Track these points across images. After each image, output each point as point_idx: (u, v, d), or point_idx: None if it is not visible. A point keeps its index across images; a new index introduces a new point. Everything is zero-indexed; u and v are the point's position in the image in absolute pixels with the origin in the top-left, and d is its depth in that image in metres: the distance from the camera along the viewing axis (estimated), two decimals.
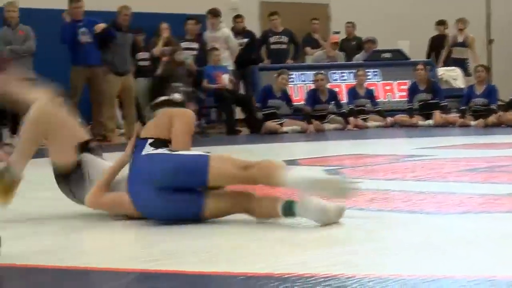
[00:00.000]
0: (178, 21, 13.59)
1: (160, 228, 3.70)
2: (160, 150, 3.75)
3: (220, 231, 3.61)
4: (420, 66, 12.94)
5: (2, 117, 11.82)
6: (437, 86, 13.16)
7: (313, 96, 12.72)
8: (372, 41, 14.97)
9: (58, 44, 11.82)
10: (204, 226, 3.72)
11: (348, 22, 15.42)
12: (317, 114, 12.57)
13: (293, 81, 13.64)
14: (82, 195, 3.95)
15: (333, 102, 12.85)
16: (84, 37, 11.36)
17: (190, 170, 3.62)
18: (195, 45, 13.13)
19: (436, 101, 12.77)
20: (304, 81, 13.69)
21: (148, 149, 3.77)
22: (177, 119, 3.89)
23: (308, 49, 14.91)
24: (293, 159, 7.07)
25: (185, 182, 3.62)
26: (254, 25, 15.36)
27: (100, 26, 11.29)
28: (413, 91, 13.03)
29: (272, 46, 14.20)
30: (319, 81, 12.76)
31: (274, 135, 11.79)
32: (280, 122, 12.40)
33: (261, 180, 3.62)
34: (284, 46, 14.25)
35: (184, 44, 13.02)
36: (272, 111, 12.42)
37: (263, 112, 12.43)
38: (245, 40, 14.03)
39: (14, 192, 3.87)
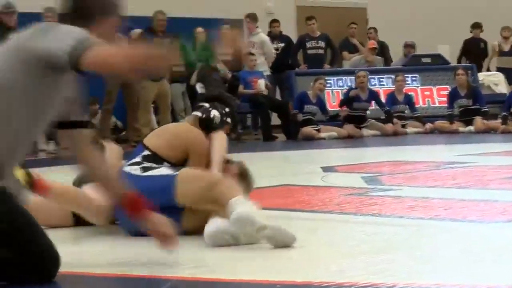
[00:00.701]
0: (213, 26, 13.66)
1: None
2: (134, 169, 3.71)
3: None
4: (460, 71, 12.84)
5: None
6: (478, 92, 13.04)
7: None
8: (411, 46, 14.90)
9: None
10: None
11: (370, 28, 15.39)
12: (356, 113, 12.50)
13: (330, 86, 13.60)
14: None
15: (372, 101, 12.83)
16: None
17: (157, 193, 3.49)
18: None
19: (477, 107, 12.66)
20: (341, 86, 13.66)
21: (132, 163, 3.76)
22: (193, 154, 3.83)
23: (345, 53, 14.88)
24: (330, 166, 7.06)
25: (160, 203, 3.33)
26: (290, 30, 15.38)
27: (137, 32, 11.37)
28: (453, 96, 12.93)
29: (309, 51, 14.19)
30: (360, 78, 12.71)
31: (311, 141, 11.77)
32: (316, 128, 12.38)
33: (221, 202, 3.47)
34: (321, 51, 14.23)
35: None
36: (308, 117, 12.41)
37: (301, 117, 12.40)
38: (281, 45, 14.06)
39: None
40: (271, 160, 8.87)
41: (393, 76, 13.65)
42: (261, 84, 12.67)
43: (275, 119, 13.02)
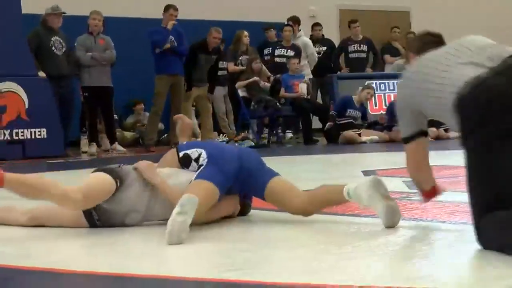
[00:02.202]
0: (255, 29, 13.69)
1: (246, 234, 3.73)
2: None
3: (302, 242, 3.62)
4: None
5: (82, 125, 12.07)
6: None
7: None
8: None
9: (139, 52, 12.06)
10: (284, 235, 3.73)
11: (408, 33, 15.26)
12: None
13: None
14: None
15: None
16: (173, 44, 11.54)
17: None
18: (290, 52, 13.13)
19: None
20: (383, 90, 13.58)
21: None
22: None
23: (387, 57, 14.81)
24: (371, 169, 7.02)
25: None
26: (332, 33, 15.35)
27: (167, 46, 11.46)
28: None
29: (351, 55, 14.15)
30: None
31: (352, 145, 11.72)
32: (358, 132, 12.32)
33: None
34: (363, 55, 14.19)
35: (278, 52, 13.11)
36: (349, 121, 12.35)
37: (340, 122, 12.33)
38: (324, 48, 14.04)
39: None
40: (311, 164, 8.85)
41: None
42: (303, 87, 12.65)
43: (316, 123, 13.00)
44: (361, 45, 14.16)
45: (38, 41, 10.71)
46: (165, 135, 12.95)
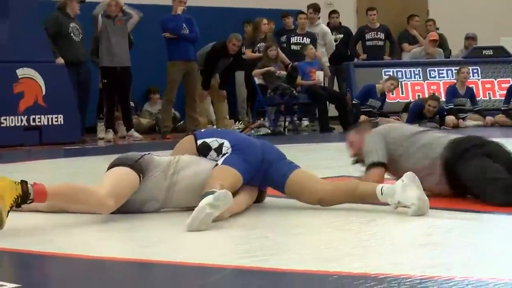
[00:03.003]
0: (273, 16, 13.66)
1: (262, 222, 3.75)
2: None
3: (318, 229, 3.63)
4: None
5: (99, 111, 12.11)
6: None
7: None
8: (473, 38, 14.68)
9: (152, 38, 12.08)
10: (300, 222, 3.75)
11: (428, 20, 15.18)
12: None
13: None
14: None
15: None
16: (185, 32, 11.55)
17: None
18: (306, 40, 13.12)
19: None
20: (400, 78, 13.50)
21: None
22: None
23: (405, 45, 14.72)
24: None
25: None
26: (349, 21, 15.30)
27: (166, 35, 11.48)
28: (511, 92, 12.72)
29: (368, 43, 14.09)
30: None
31: None
32: (375, 120, 12.30)
33: None
34: (380, 43, 14.13)
35: (294, 39, 13.11)
36: (368, 109, 12.34)
37: (361, 110, 12.31)
38: (340, 36, 14.00)
39: None
40: (328, 151, 8.84)
41: (452, 69, 13.49)
42: (319, 75, 12.63)
43: (332, 111, 12.98)
44: (378, 32, 14.09)
45: (57, 27, 10.75)
46: (181, 122, 12.97)
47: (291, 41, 13.17)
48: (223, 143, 4.14)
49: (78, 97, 10.75)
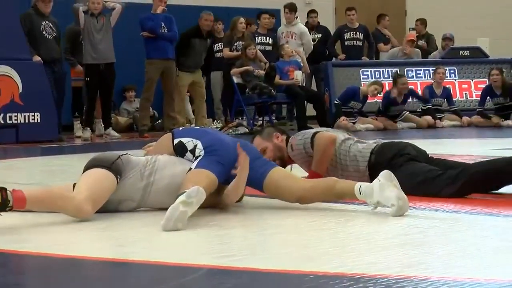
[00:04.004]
0: (251, 15, 13.66)
1: (239, 221, 3.74)
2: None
3: (296, 229, 3.63)
4: (494, 72, 12.61)
5: (75, 109, 12.06)
6: None
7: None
8: (450, 39, 14.75)
9: (129, 37, 12.03)
10: (278, 222, 3.74)
11: (417, 20, 15.22)
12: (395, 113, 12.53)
13: (367, 78, 13.53)
14: None
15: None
16: (163, 31, 11.51)
17: None
18: (268, 39, 13.17)
19: None
20: (378, 78, 13.55)
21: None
22: None
23: (381, 45, 14.76)
24: None
25: None
26: (328, 21, 15.33)
27: (144, 34, 11.43)
28: (487, 94, 12.78)
29: (347, 43, 14.13)
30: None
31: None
32: (353, 120, 12.34)
33: None
34: (359, 43, 14.18)
35: (258, 39, 13.11)
36: (349, 110, 12.39)
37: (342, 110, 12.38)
38: (319, 35, 14.02)
39: None
40: None
41: (430, 69, 13.54)
42: (298, 74, 12.64)
43: (310, 110, 13.00)
44: (357, 32, 14.14)
45: (29, 24, 10.69)
46: (159, 121, 12.94)
47: (256, 41, 13.18)
48: (196, 145, 4.12)
49: (54, 95, 10.69)
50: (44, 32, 10.76)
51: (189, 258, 2.99)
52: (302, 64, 12.94)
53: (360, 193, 3.88)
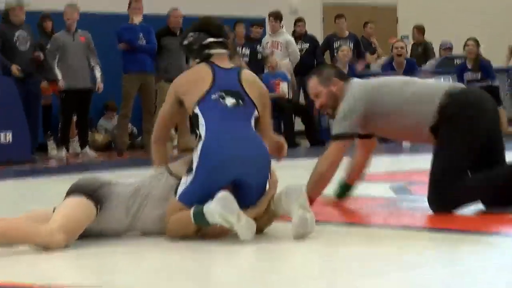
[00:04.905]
0: (232, 25, 13.66)
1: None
2: None
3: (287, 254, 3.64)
4: (471, 42, 12.73)
5: (47, 128, 11.97)
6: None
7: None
8: (450, 48, 14.80)
9: (108, 50, 12.02)
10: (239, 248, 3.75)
11: (414, 26, 15.26)
12: None
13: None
14: None
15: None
16: (142, 42, 11.47)
17: None
18: (246, 50, 13.17)
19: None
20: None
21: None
22: None
23: (368, 55, 14.71)
24: None
25: None
26: (316, 30, 15.36)
27: (121, 46, 11.41)
28: (462, 71, 12.93)
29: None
30: (398, 49, 12.67)
31: None
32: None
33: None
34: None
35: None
36: None
37: None
38: (306, 45, 14.02)
39: None
40: (294, 169, 8.83)
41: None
42: (284, 87, 12.65)
43: (298, 124, 13.00)
44: (347, 41, 14.15)
45: (1, 38, 10.57)
46: (139, 138, 12.91)
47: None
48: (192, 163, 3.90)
49: (28, 112, 10.55)
50: (17, 43, 10.65)
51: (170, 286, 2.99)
52: (289, 77, 12.97)
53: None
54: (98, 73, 11.23)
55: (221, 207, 3.63)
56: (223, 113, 3.92)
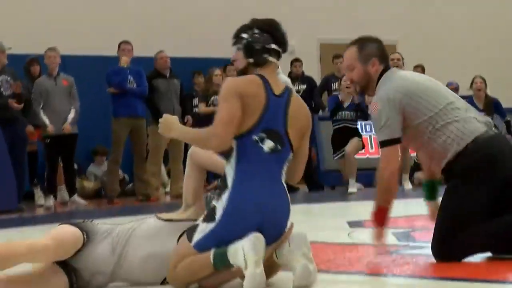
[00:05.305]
0: (224, 65, 13.67)
1: None
2: None
3: None
4: (478, 79, 12.70)
5: (33, 176, 11.87)
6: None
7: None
8: (456, 89, 14.79)
9: (98, 93, 12.00)
10: None
11: (416, 66, 15.26)
12: None
13: (361, 131, 13.45)
14: None
15: None
16: (132, 85, 11.45)
17: None
18: None
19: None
20: (368, 131, 13.50)
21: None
22: None
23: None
24: (358, 220, 6.97)
25: None
26: (313, 69, 15.36)
27: (111, 90, 11.37)
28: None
29: (335, 93, 14.10)
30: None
31: (336, 193, 11.67)
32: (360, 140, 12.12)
33: None
34: None
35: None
36: (341, 124, 12.09)
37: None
38: (303, 86, 13.99)
39: None
40: (292, 214, 8.77)
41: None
42: None
43: None
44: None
45: None
46: (130, 185, 12.83)
47: None
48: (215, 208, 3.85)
49: (13, 158, 10.48)
50: (1, 89, 10.63)
51: None
52: None
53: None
54: (71, 115, 11.09)
55: (250, 244, 3.57)
56: (258, 156, 3.84)
